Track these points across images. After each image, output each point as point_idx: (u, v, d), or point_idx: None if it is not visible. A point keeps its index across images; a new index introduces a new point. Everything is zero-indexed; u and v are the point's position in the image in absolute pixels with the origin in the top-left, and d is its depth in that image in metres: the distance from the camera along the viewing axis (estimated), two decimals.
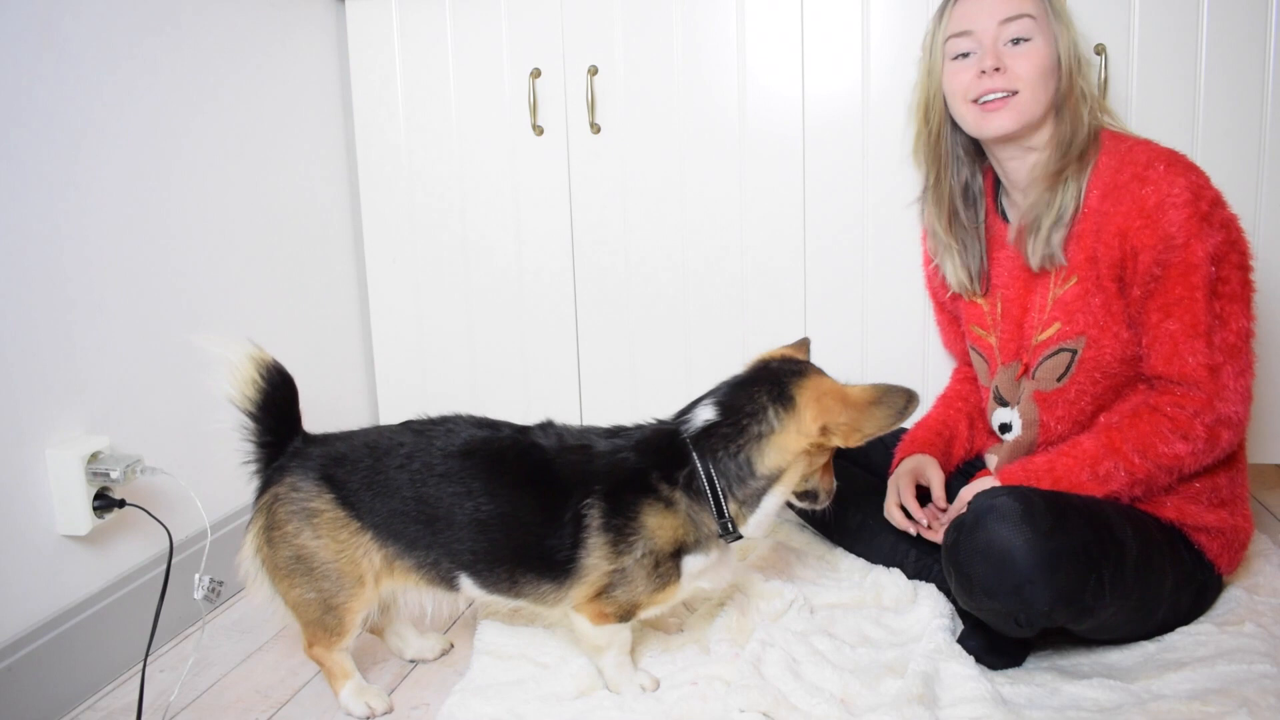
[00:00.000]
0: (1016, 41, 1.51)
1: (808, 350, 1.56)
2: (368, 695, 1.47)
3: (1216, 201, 1.44)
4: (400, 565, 1.43)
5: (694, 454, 1.38)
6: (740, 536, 1.42)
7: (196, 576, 1.63)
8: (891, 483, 1.71)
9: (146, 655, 1.52)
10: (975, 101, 1.53)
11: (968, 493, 1.58)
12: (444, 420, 1.48)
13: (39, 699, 1.46)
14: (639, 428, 1.47)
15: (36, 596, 1.49)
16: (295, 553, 1.41)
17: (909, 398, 1.37)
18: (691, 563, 1.40)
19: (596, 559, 1.37)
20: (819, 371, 1.45)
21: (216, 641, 1.71)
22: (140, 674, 1.52)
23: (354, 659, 1.50)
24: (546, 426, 1.47)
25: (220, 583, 1.65)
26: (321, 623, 1.43)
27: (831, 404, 1.38)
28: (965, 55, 1.54)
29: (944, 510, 1.65)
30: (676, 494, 1.38)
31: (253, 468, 1.46)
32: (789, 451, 1.39)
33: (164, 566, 1.59)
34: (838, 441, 1.39)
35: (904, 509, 1.67)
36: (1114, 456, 1.45)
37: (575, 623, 1.44)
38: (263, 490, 1.45)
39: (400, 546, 1.42)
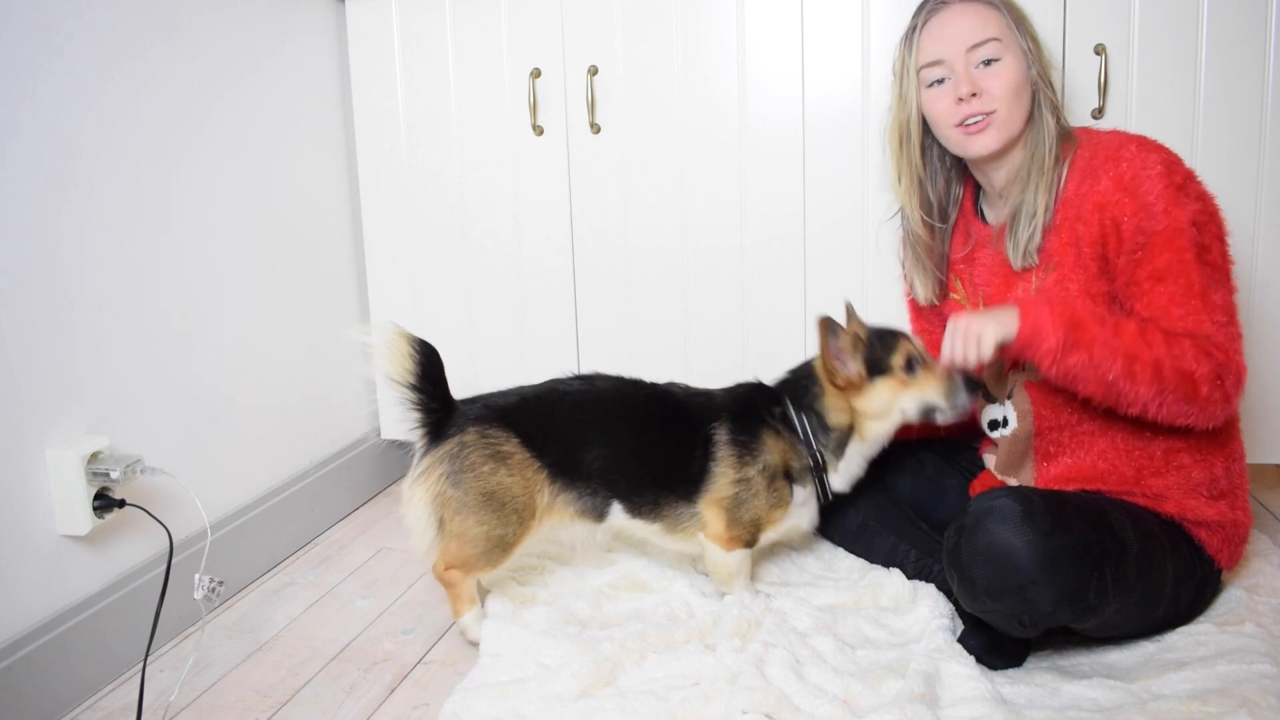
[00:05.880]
0: (988, 62, 1.53)
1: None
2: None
3: (1190, 177, 1.46)
4: (562, 499, 1.63)
5: (786, 398, 1.69)
6: (830, 497, 1.70)
7: (196, 576, 1.63)
8: None
9: (146, 655, 1.52)
10: (958, 125, 1.56)
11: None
12: (589, 376, 1.73)
13: (39, 699, 1.46)
14: (739, 385, 1.77)
15: (36, 596, 1.49)
16: (488, 490, 1.58)
17: (827, 323, 1.62)
18: (798, 492, 1.67)
19: (725, 468, 1.63)
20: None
21: (216, 641, 1.71)
22: (140, 674, 1.52)
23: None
24: (669, 384, 1.75)
25: (220, 583, 1.64)
26: (487, 554, 1.60)
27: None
28: (940, 81, 1.57)
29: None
30: (778, 424, 1.67)
31: (419, 432, 1.61)
32: (838, 408, 1.66)
33: (164, 566, 1.59)
34: (835, 382, 1.65)
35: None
36: (1136, 327, 1.41)
37: (708, 553, 1.67)
38: (436, 443, 1.60)
39: (566, 480, 1.63)
